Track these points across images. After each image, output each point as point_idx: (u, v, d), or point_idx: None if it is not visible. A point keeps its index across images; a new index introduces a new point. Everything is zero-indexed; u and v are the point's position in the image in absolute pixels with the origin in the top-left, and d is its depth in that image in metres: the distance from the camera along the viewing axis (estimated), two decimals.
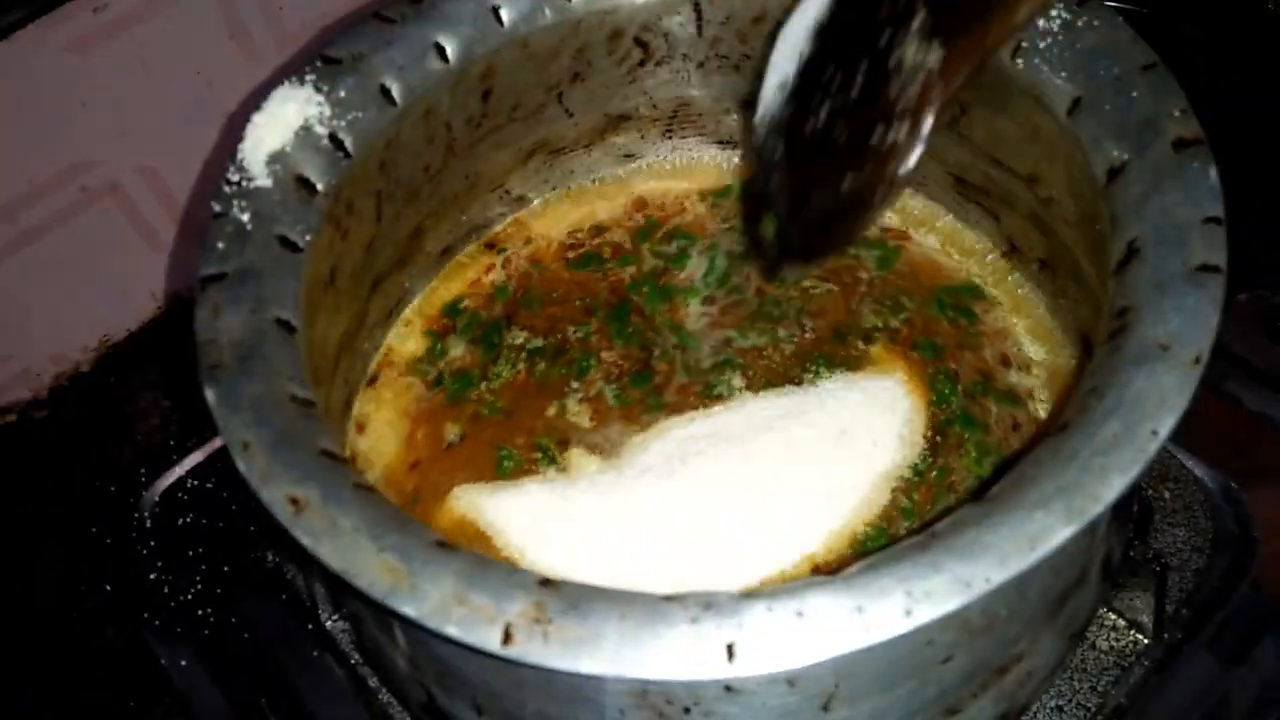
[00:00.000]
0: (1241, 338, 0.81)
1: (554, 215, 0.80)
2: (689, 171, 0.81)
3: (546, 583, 0.44)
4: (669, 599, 0.43)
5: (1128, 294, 0.48)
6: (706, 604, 0.42)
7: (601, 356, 0.71)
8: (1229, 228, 0.83)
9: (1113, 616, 0.68)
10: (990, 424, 0.66)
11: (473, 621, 0.42)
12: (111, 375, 0.89)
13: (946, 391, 0.67)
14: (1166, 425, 0.43)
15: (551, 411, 0.69)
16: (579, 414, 0.69)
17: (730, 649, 0.41)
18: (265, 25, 0.86)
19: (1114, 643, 0.68)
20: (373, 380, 0.72)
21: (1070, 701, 0.66)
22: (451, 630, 0.42)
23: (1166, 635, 0.67)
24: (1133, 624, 0.68)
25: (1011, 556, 0.41)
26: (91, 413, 0.87)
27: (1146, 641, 0.67)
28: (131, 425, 0.86)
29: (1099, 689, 0.66)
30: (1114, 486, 0.42)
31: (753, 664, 0.41)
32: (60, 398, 0.87)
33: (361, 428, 0.70)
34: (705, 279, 0.74)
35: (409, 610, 0.42)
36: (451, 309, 0.75)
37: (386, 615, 0.46)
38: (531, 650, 0.42)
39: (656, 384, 0.69)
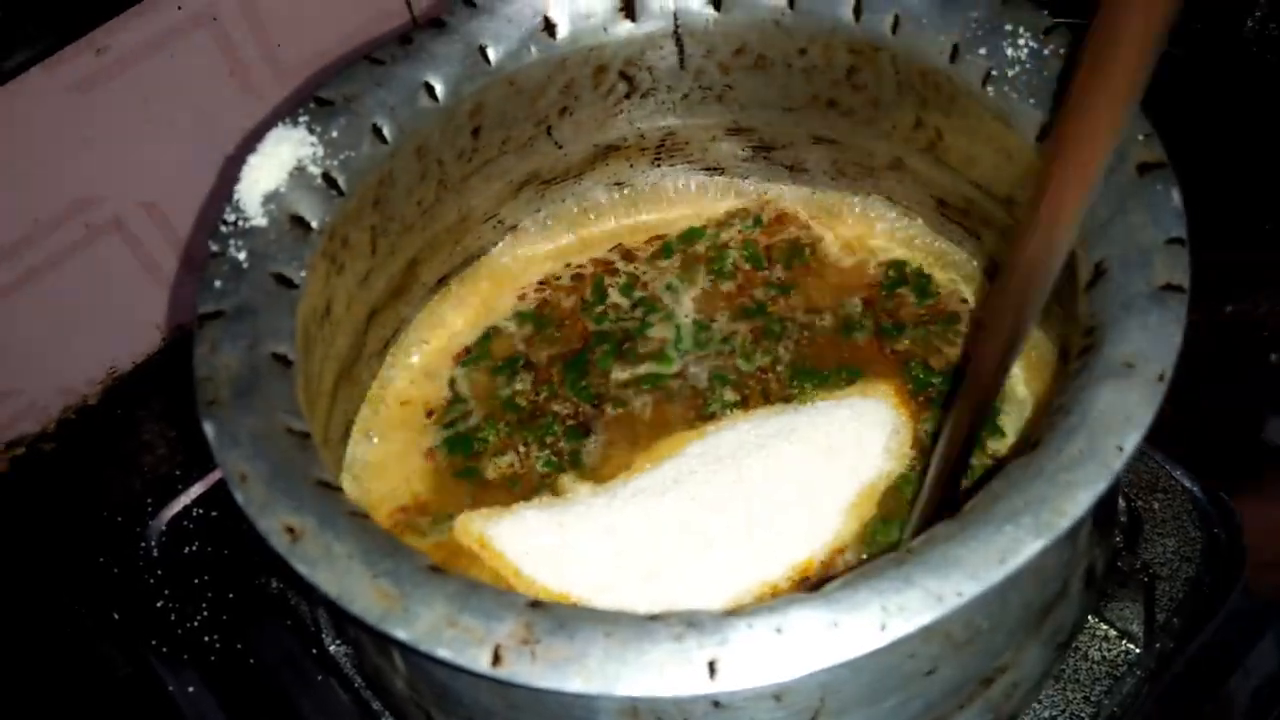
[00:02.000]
0: (1230, 347, 0.82)
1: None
2: (678, 200, 0.83)
3: (535, 604, 0.45)
4: (654, 618, 0.44)
5: (1095, 313, 0.49)
6: (690, 622, 0.44)
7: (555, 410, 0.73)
8: (1214, 242, 0.85)
9: (1104, 626, 0.69)
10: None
11: (463, 643, 0.43)
12: (118, 408, 0.90)
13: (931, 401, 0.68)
14: (1131, 441, 0.44)
15: (547, 440, 0.71)
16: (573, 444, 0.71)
17: (712, 666, 0.42)
18: (263, 61, 0.88)
19: (1106, 652, 0.69)
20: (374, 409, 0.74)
21: (1063, 712, 0.67)
22: (442, 652, 0.43)
23: (1158, 644, 0.68)
24: (1124, 633, 0.68)
25: (981, 571, 0.42)
26: (98, 445, 0.88)
27: (1138, 651, 0.68)
28: (138, 456, 0.87)
29: (1092, 698, 0.67)
30: (1080, 502, 0.43)
31: (733, 680, 0.42)
32: (68, 431, 0.89)
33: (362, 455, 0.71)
34: (676, 346, 0.76)
35: (401, 633, 0.44)
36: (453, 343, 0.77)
37: (382, 639, 0.47)
38: (520, 670, 0.43)
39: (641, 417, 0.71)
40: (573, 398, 0.73)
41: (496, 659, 0.43)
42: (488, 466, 0.70)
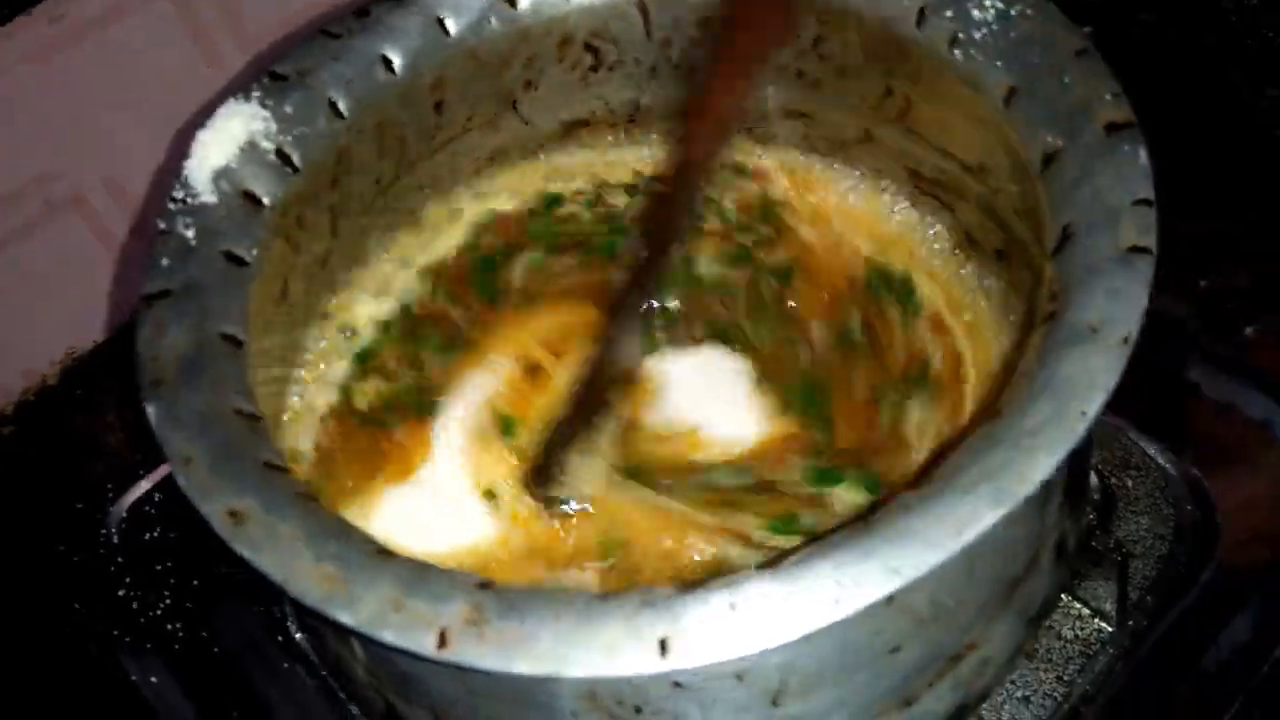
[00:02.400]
0: (1204, 324, 0.81)
1: None
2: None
3: (485, 585, 0.44)
4: (606, 597, 0.43)
5: (1061, 277, 0.48)
6: (642, 600, 0.43)
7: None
8: (1190, 213, 0.84)
9: (1077, 605, 0.68)
10: None
11: (408, 626, 0.42)
12: (78, 388, 0.89)
13: None
14: (1095, 405, 0.43)
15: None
16: None
17: (664, 644, 0.41)
18: (226, 30, 0.86)
19: (1078, 631, 0.68)
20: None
21: (1036, 691, 0.66)
22: (387, 636, 0.42)
23: (1131, 622, 0.68)
24: (1096, 612, 0.68)
25: (939, 542, 0.41)
26: (58, 427, 0.87)
27: (1111, 629, 0.67)
28: (100, 439, 0.85)
29: (1065, 677, 0.66)
30: (1042, 467, 0.42)
31: (686, 658, 0.41)
32: (26, 413, 0.87)
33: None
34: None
35: (345, 617, 0.43)
36: None
37: (333, 625, 0.46)
38: (467, 653, 0.42)
39: None
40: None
41: (443, 641, 0.42)
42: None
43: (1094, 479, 0.73)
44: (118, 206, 0.86)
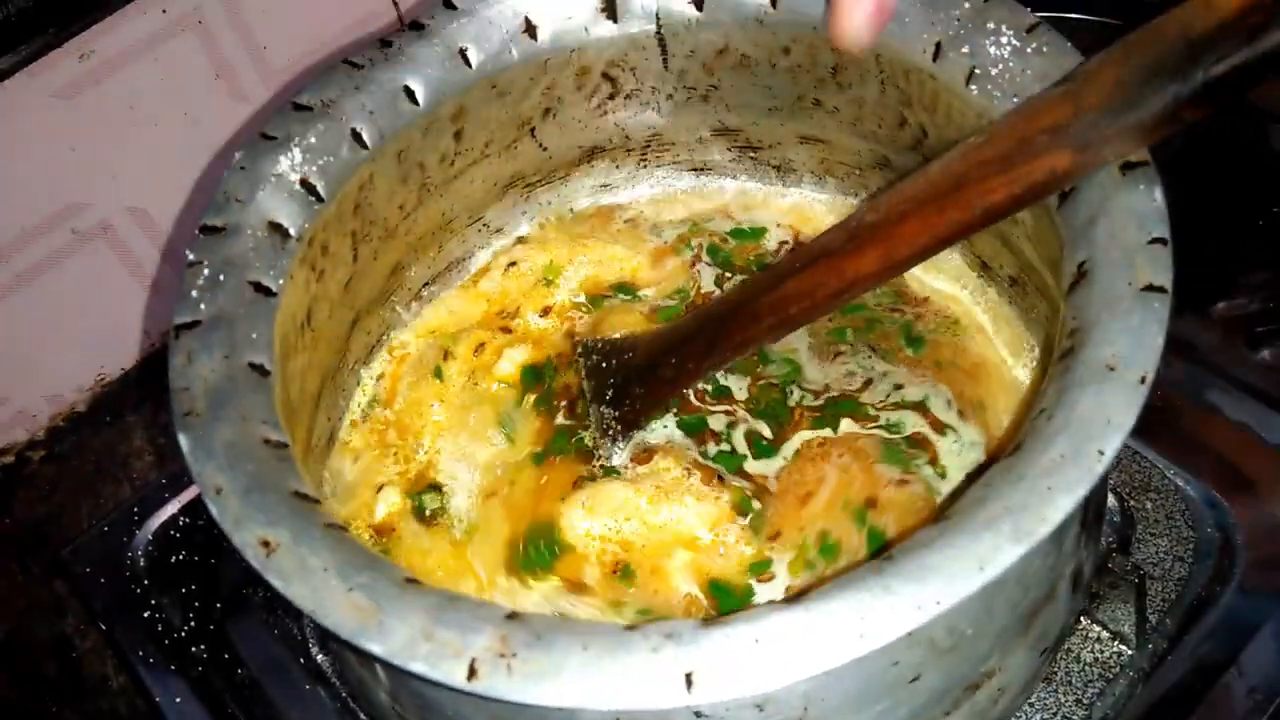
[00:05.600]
0: (1220, 347, 0.82)
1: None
2: (664, 203, 0.82)
3: (513, 616, 0.45)
4: (631, 629, 0.44)
5: (1078, 315, 0.49)
6: (668, 633, 0.43)
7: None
8: (1203, 239, 0.84)
9: (1096, 628, 0.69)
10: None
11: (438, 657, 0.43)
12: (107, 414, 0.90)
13: None
14: (1113, 445, 0.44)
15: None
16: None
17: (689, 677, 0.42)
18: (250, 64, 0.87)
19: (1098, 654, 0.68)
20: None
21: (1055, 714, 0.66)
22: (417, 666, 0.43)
23: (1150, 645, 0.68)
24: (1116, 635, 0.68)
25: (960, 578, 0.41)
26: (88, 452, 0.88)
27: (1130, 652, 0.68)
28: (128, 463, 0.87)
29: (1084, 700, 0.67)
30: (1060, 507, 0.42)
31: (710, 692, 0.41)
32: (57, 438, 0.89)
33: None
34: None
35: (376, 648, 0.43)
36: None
37: (360, 653, 0.47)
38: (496, 684, 0.42)
39: None
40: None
41: (472, 673, 0.43)
42: None
43: (1113, 501, 0.73)
44: (145, 236, 0.88)
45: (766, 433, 0.67)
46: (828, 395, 0.68)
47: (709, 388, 0.69)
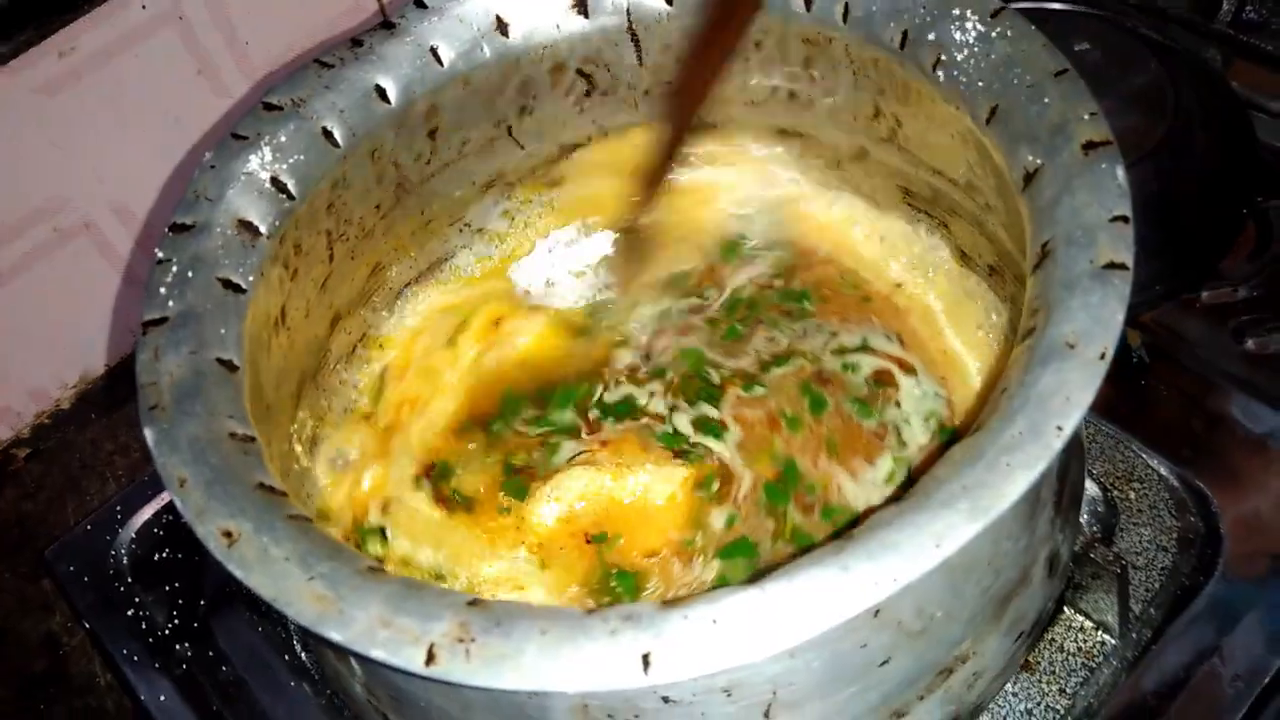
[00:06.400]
0: (1205, 336, 0.81)
1: None
2: None
3: (474, 602, 0.45)
4: (590, 613, 0.44)
5: (1040, 294, 0.49)
6: (626, 615, 0.43)
7: None
8: (1188, 228, 0.84)
9: (1079, 617, 0.68)
10: None
11: (397, 643, 0.43)
12: (92, 411, 0.90)
13: None
14: (1072, 421, 0.44)
15: None
16: None
17: (646, 659, 0.42)
18: (232, 60, 0.88)
19: (1081, 643, 0.68)
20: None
21: (1038, 704, 0.66)
22: (376, 653, 0.43)
23: (1134, 634, 0.68)
24: (1099, 624, 0.68)
25: (917, 556, 0.41)
26: (73, 449, 0.88)
27: (1114, 641, 0.67)
28: (113, 460, 0.87)
29: (1067, 690, 0.66)
30: (1019, 483, 0.42)
31: (667, 673, 0.41)
32: (41, 435, 0.89)
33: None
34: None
35: (335, 635, 0.43)
36: None
37: (325, 643, 0.47)
38: (454, 669, 0.42)
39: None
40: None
41: (431, 658, 0.43)
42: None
43: (1096, 490, 0.73)
44: (127, 232, 0.88)
45: (711, 413, 0.70)
46: (759, 360, 0.72)
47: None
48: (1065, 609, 0.68)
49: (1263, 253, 0.85)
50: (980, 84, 0.57)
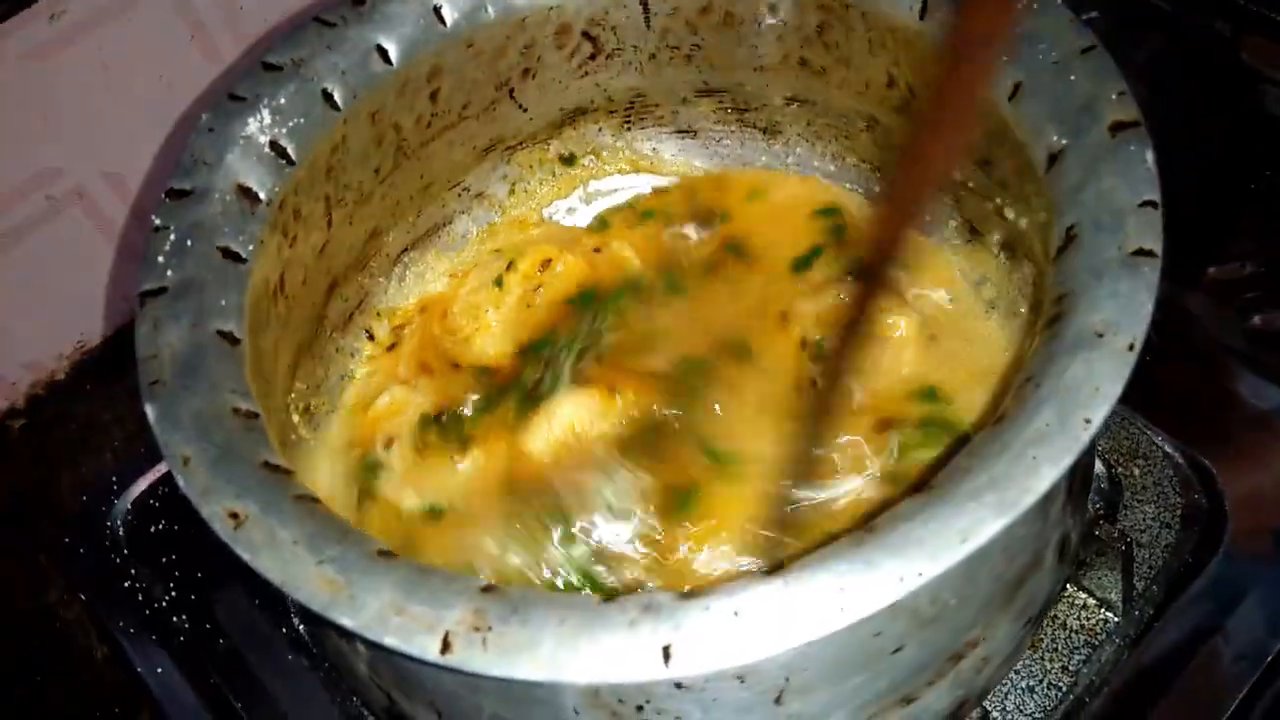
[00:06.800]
0: (1211, 313, 0.81)
1: None
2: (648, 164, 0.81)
3: (488, 589, 0.44)
4: (609, 602, 0.43)
5: (1065, 280, 0.48)
6: (645, 606, 0.42)
7: None
8: (1195, 203, 0.83)
9: (1082, 595, 0.68)
10: None
11: (410, 631, 0.42)
12: (87, 382, 0.89)
13: None
14: (1100, 414, 0.43)
15: None
16: None
17: (666, 650, 0.41)
18: (225, 26, 0.85)
19: (1084, 621, 0.68)
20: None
21: (1041, 681, 0.66)
22: (389, 640, 0.42)
23: (1137, 612, 0.68)
24: (1102, 602, 0.68)
25: (942, 550, 0.41)
26: (68, 420, 0.87)
27: (1117, 619, 0.67)
28: (109, 431, 0.86)
29: (1070, 668, 0.66)
30: (1045, 478, 0.41)
31: (688, 665, 0.41)
32: (36, 407, 0.88)
33: None
34: None
35: (347, 621, 0.43)
36: None
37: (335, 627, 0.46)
38: (470, 658, 0.42)
39: None
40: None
41: (446, 647, 0.42)
42: None
43: (1101, 468, 0.73)
44: (120, 200, 0.86)
45: None
46: None
47: None
48: (1069, 587, 0.68)
49: (1270, 229, 0.84)
50: (1004, 59, 0.56)
